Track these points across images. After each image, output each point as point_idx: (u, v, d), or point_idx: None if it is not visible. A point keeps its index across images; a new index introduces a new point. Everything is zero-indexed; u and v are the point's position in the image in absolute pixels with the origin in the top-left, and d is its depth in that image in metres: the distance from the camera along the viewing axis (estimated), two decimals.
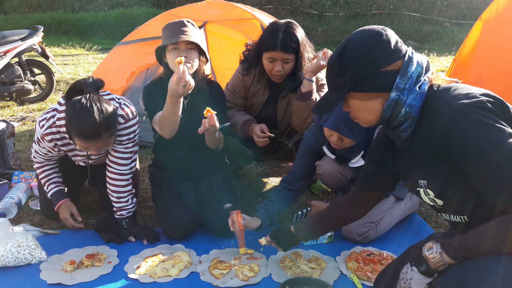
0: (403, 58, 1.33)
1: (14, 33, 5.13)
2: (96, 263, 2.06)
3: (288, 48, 2.36)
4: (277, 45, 2.36)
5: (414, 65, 1.33)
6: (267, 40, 2.41)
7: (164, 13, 4.28)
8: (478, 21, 3.80)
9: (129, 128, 2.19)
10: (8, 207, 2.52)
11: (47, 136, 2.12)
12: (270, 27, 2.47)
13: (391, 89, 1.32)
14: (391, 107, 1.34)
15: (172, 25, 2.22)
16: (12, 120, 4.57)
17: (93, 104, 1.91)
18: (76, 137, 1.97)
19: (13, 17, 13.26)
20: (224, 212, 2.26)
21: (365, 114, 1.41)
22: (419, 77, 1.34)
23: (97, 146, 2.01)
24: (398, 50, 1.33)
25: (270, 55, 2.40)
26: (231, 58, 3.63)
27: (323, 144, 2.27)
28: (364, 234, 2.21)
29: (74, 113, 1.93)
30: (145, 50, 3.71)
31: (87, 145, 1.99)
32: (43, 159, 2.31)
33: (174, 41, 2.14)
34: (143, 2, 13.93)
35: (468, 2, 11.68)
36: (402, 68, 1.32)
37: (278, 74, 2.43)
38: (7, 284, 1.93)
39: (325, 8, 12.47)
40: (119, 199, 2.28)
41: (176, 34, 2.16)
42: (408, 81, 1.31)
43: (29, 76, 5.43)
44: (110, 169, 2.26)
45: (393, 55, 1.32)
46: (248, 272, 1.99)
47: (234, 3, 3.94)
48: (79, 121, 1.92)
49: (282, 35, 2.37)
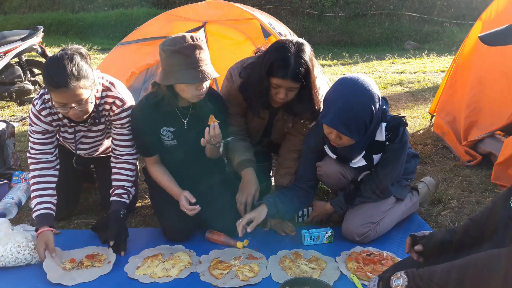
0: None
1: (14, 33, 5.14)
2: (96, 263, 2.05)
3: (298, 77, 2.06)
4: (287, 74, 2.04)
5: None
6: (276, 65, 2.06)
7: (164, 13, 4.27)
8: (478, 21, 3.81)
9: (128, 110, 2.21)
10: (8, 207, 2.52)
11: (43, 111, 2.11)
12: (280, 50, 2.08)
13: None
14: None
15: (186, 50, 1.99)
16: (12, 120, 4.56)
17: (65, 55, 1.93)
18: (49, 87, 1.94)
19: (13, 17, 13.26)
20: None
21: None
22: None
23: (71, 98, 1.94)
24: None
25: (276, 81, 2.09)
26: (231, 58, 3.62)
27: (325, 143, 2.27)
28: (364, 235, 2.21)
29: (46, 65, 1.97)
30: (145, 50, 3.71)
31: (61, 97, 1.94)
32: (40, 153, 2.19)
33: (198, 82, 2.02)
34: (143, 2, 13.94)
35: (468, 2, 11.69)
36: None
37: (281, 101, 2.18)
38: (7, 284, 1.93)
39: (325, 8, 12.48)
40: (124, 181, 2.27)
41: (195, 66, 2.00)
42: None
43: (29, 76, 5.43)
44: (117, 152, 2.28)
45: None
46: (248, 272, 1.99)
47: (234, 3, 3.93)
48: (49, 69, 1.93)
49: (293, 62, 2.04)
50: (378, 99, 2.01)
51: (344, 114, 1.96)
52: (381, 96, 2.08)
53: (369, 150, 2.17)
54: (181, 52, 1.98)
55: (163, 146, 2.31)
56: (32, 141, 2.18)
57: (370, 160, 2.20)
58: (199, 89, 2.06)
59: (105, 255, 2.12)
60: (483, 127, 3.34)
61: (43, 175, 2.19)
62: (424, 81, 6.66)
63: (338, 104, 1.96)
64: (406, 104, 5.32)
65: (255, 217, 2.16)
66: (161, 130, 2.27)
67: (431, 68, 7.74)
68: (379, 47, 10.98)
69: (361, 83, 1.98)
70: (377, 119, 2.06)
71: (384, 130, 2.12)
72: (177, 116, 2.25)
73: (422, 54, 8.99)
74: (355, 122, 1.98)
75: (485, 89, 3.44)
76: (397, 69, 7.70)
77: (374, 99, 1.98)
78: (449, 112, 3.89)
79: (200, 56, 2.02)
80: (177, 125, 2.27)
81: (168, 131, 2.27)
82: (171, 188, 2.28)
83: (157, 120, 2.23)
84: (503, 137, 3.15)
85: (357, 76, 2.02)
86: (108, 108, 2.17)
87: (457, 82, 3.90)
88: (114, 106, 2.17)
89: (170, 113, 2.23)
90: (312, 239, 2.25)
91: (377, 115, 2.04)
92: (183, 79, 2.02)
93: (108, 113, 2.19)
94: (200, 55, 2.02)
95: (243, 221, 2.14)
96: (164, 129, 2.27)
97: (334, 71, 7.55)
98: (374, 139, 2.13)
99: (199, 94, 2.08)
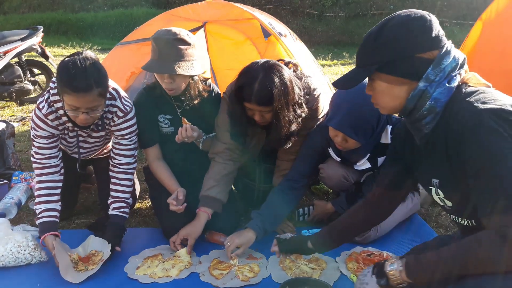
0: (441, 49, 1.28)
1: (14, 33, 5.13)
2: (90, 266, 2.01)
3: (263, 102, 1.97)
4: (251, 98, 1.98)
5: (450, 59, 1.28)
6: (243, 89, 2.00)
7: (164, 13, 4.27)
8: (478, 21, 3.80)
9: (130, 120, 2.19)
10: (8, 207, 2.52)
11: (50, 115, 2.07)
12: (247, 74, 2.02)
13: (420, 78, 1.27)
14: (416, 97, 1.29)
15: (160, 42, 2.07)
16: (12, 120, 4.56)
17: (86, 60, 1.91)
18: (66, 90, 1.89)
19: (13, 17, 13.25)
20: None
21: (388, 100, 1.35)
22: (451, 72, 1.28)
23: (86, 104, 1.92)
24: (438, 40, 1.28)
25: (247, 105, 2.04)
26: (231, 58, 3.63)
27: (329, 146, 2.25)
28: (365, 235, 2.20)
29: (66, 66, 1.90)
30: (145, 50, 3.70)
31: (77, 101, 1.90)
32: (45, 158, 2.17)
33: (151, 72, 2.15)
34: (143, 2, 13.94)
35: (468, 2, 11.68)
36: (436, 59, 1.26)
37: (261, 123, 2.11)
38: (7, 284, 1.93)
39: (325, 8, 12.48)
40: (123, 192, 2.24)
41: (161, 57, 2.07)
42: (439, 73, 1.26)
43: (29, 76, 5.43)
44: (116, 161, 2.25)
45: (432, 43, 1.27)
46: (248, 273, 1.99)
47: (234, 3, 3.93)
48: (70, 72, 1.87)
49: (258, 85, 1.95)
50: None
51: (351, 117, 1.95)
52: None
53: (374, 153, 2.17)
54: (155, 41, 2.09)
55: (161, 135, 2.35)
56: (37, 146, 2.13)
57: (374, 163, 2.19)
58: (165, 81, 2.12)
59: (100, 254, 2.08)
60: None
61: (49, 181, 2.16)
62: None
63: (345, 107, 1.95)
64: None
65: (243, 244, 2.06)
66: (159, 117, 2.33)
67: None
68: None
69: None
70: (383, 122, 2.06)
71: (390, 132, 2.11)
72: (172, 105, 2.31)
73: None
74: (362, 126, 1.97)
75: None
76: None
77: None
78: None
79: (173, 51, 2.05)
80: (173, 113, 2.33)
81: (165, 118, 2.33)
82: (171, 184, 2.29)
83: (154, 107, 2.30)
84: None
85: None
86: (110, 117, 2.15)
87: None
88: (115, 117, 2.16)
89: (165, 101, 2.29)
90: None
91: (384, 118, 2.03)
92: (145, 66, 2.13)
93: (109, 122, 2.18)
94: (173, 50, 2.05)
95: (231, 246, 2.05)
96: (162, 116, 2.33)
97: (334, 71, 7.55)
98: (379, 142, 2.13)
99: (165, 87, 2.15)
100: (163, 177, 2.32)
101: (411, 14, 1.30)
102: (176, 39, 2.06)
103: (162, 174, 2.33)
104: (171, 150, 2.37)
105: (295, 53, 3.59)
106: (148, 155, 2.37)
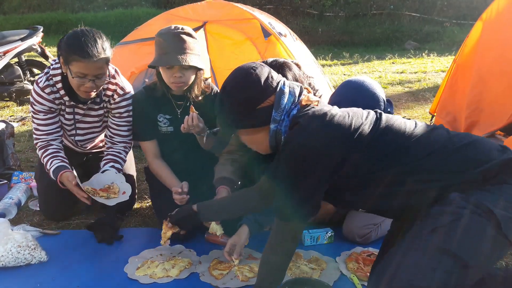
0: (275, 91, 1.49)
1: (13, 33, 5.13)
2: (112, 195, 2.17)
3: None
4: None
5: (286, 96, 1.49)
6: None
7: (164, 13, 4.28)
8: (479, 21, 3.80)
9: (128, 100, 2.26)
10: (8, 207, 2.51)
11: (47, 88, 2.14)
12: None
13: (269, 122, 1.49)
14: (273, 137, 1.52)
15: (167, 37, 2.11)
16: (12, 120, 4.56)
17: (91, 30, 2.06)
18: (75, 58, 1.98)
19: (12, 17, 13.24)
20: None
21: (257, 146, 1.61)
22: (292, 106, 1.50)
23: (94, 70, 2.01)
24: (269, 86, 1.49)
25: None
26: (231, 58, 3.63)
27: None
28: (365, 236, 2.20)
29: (75, 35, 2.02)
30: (145, 50, 3.70)
31: (86, 68, 1.99)
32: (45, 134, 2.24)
33: (164, 65, 2.12)
34: (143, 2, 13.94)
35: (469, 2, 11.68)
36: (275, 102, 1.48)
37: None
38: (7, 284, 1.93)
39: (325, 8, 12.47)
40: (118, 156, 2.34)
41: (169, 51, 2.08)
42: (282, 112, 1.48)
43: (28, 76, 5.42)
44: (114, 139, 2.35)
45: (265, 93, 1.48)
46: (248, 273, 1.99)
47: (234, 3, 3.94)
48: (80, 39, 1.98)
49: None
50: (383, 102, 2.01)
51: None
52: (386, 99, 2.07)
53: None
54: (161, 37, 2.12)
55: (160, 134, 2.35)
56: (36, 123, 2.22)
57: None
58: (175, 75, 2.12)
59: (117, 187, 2.22)
60: (483, 127, 3.33)
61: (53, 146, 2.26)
62: (425, 81, 6.65)
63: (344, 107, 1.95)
64: (406, 104, 5.32)
65: (236, 241, 2.02)
66: (158, 117, 2.33)
67: (432, 68, 7.73)
68: (380, 47, 10.96)
69: (366, 86, 1.98)
70: None
71: None
72: (172, 105, 2.31)
73: (422, 54, 8.98)
74: None
75: (486, 89, 3.44)
76: (397, 69, 7.69)
77: (380, 102, 1.98)
78: (449, 112, 3.89)
79: (181, 44, 2.08)
80: (173, 113, 2.33)
81: (164, 117, 2.33)
82: (172, 182, 2.28)
83: (153, 106, 2.29)
84: (504, 137, 3.15)
85: (362, 79, 2.02)
86: (109, 94, 2.22)
87: (458, 82, 3.89)
88: (115, 95, 2.23)
89: (165, 102, 2.29)
90: (312, 239, 2.25)
91: None
92: (155, 61, 2.15)
93: (108, 99, 2.22)
94: (181, 43, 2.08)
95: (226, 248, 2.02)
96: (161, 115, 2.33)
97: (334, 71, 7.55)
98: None
99: (174, 81, 2.14)
100: (164, 176, 2.32)
101: (238, 75, 1.52)
102: (184, 33, 2.11)
103: (163, 172, 2.33)
104: (170, 150, 2.37)
105: (295, 53, 3.60)
106: (146, 151, 2.37)
